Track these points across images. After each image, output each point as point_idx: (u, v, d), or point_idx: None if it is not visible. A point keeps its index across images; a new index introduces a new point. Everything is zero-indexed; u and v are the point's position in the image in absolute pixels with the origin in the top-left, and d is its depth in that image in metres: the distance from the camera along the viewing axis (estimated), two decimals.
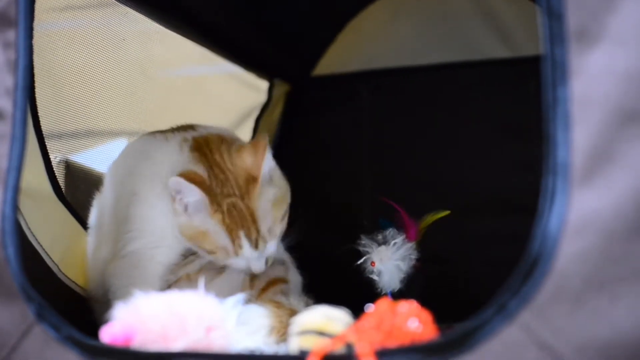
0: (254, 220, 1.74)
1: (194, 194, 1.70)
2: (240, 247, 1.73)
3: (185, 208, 1.73)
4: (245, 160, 1.77)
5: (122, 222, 1.82)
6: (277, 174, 1.84)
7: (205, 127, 1.93)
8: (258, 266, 1.78)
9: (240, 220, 1.72)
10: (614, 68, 1.09)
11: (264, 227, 1.75)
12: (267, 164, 1.76)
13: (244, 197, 1.73)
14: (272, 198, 1.78)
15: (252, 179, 1.74)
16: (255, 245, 1.74)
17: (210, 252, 1.76)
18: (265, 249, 1.77)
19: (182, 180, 1.69)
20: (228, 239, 1.73)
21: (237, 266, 1.78)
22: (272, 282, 1.88)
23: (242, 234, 1.72)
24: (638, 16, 1.08)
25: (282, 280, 1.90)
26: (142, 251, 1.79)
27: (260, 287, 1.86)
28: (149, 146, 1.87)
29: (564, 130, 1.09)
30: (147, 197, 1.81)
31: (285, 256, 1.98)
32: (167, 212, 1.78)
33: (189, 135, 1.86)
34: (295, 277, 1.97)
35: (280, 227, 1.80)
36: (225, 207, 1.72)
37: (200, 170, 1.75)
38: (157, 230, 1.80)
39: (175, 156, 1.81)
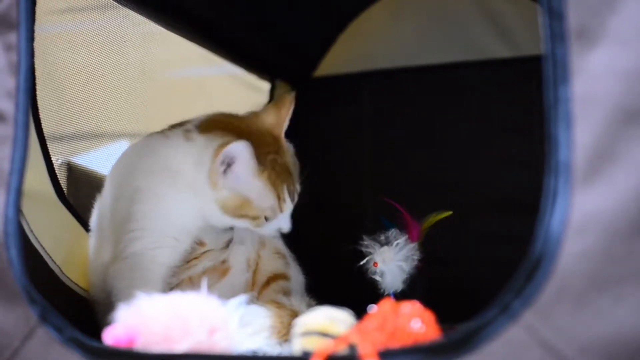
0: (290, 173, 1.83)
1: (246, 157, 1.73)
2: (284, 201, 1.81)
3: (229, 178, 1.76)
4: (266, 121, 1.85)
5: (123, 222, 1.81)
6: None
7: (196, 116, 1.94)
8: (288, 224, 1.86)
9: (282, 175, 1.81)
10: (615, 67, 1.09)
11: (296, 179, 1.85)
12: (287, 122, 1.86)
13: (278, 152, 1.82)
14: (292, 152, 1.88)
15: (275, 138, 1.83)
16: (292, 197, 1.83)
17: (255, 218, 1.80)
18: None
19: (243, 145, 1.70)
20: (273, 197, 1.79)
21: (270, 230, 1.86)
22: (273, 278, 1.89)
23: (285, 188, 1.80)
24: (639, 15, 1.08)
25: (283, 277, 1.91)
26: (143, 252, 1.79)
27: (261, 283, 1.86)
28: (152, 144, 1.88)
29: (565, 129, 1.09)
30: (153, 191, 1.80)
31: (285, 250, 1.99)
32: (173, 204, 1.79)
33: (189, 126, 1.87)
34: (297, 276, 1.98)
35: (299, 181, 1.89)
36: (269, 165, 1.78)
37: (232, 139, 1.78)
38: (160, 227, 1.79)
39: (182, 148, 1.82)
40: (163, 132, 1.88)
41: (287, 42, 2.82)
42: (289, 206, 1.84)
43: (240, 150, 1.71)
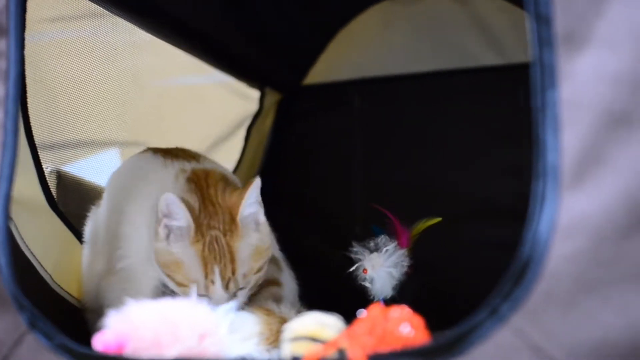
0: (232, 259, 1.68)
1: (181, 217, 1.66)
2: (212, 282, 1.66)
3: (168, 234, 1.68)
4: (232, 199, 1.74)
5: (113, 238, 1.82)
6: (265, 226, 1.79)
7: (211, 161, 1.92)
8: (220, 302, 1.65)
9: (218, 255, 1.67)
10: (602, 71, 1.09)
11: (240, 270, 1.69)
12: (250, 206, 1.72)
13: (227, 233, 1.69)
14: (254, 244, 1.73)
15: (234, 218, 1.71)
16: (227, 286, 1.67)
17: (180, 285, 1.68)
18: (234, 294, 1.69)
19: (175, 199, 1.64)
20: (202, 273, 1.66)
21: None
22: (265, 284, 1.87)
23: (216, 269, 1.66)
24: (626, 19, 1.09)
25: (275, 283, 1.90)
26: (134, 267, 1.79)
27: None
28: (147, 166, 1.87)
29: (553, 133, 1.10)
30: (134, 219, 1.80)
31: (279, 255, 1.98)
32: (149, 236, 1.75)
33: (189, 166, 1.84)
34: (289, 282, 1.97)
35: (255, 279, 1.73)
36: (207, 239, 1.67)
37: (193, 200, 1.71)
38: (146, 248, 1.77)
39: (169, 184, 1.79)
40: (165, 160, 1.87)
41: (277, 50, 2.83)
42: (218, 291, 1.67)
43: (170, 200, 1.65)
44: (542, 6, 1.11)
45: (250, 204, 1.72)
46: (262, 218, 1.78)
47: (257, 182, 1.72)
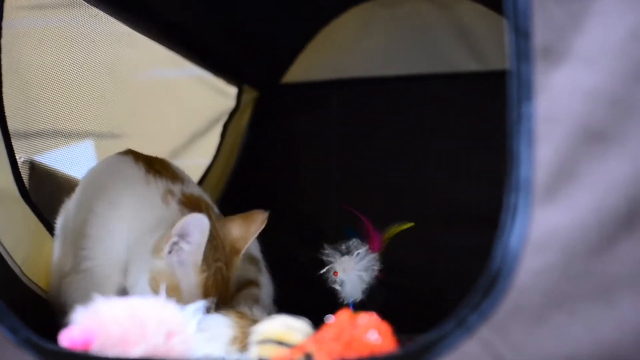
0: (226, 289, 1.70)
1: (196, 244, 1.62)
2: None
3: (176, 255, 1.63)
4: (232, 231, 1.74)
5: (79, 237, 1.78)
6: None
7: (193, 183, 1.90)
8: None
9: (219, 287, 1.68)
10: (579, 86, 1.09)
11: (227, 297, 1.72)
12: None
13: (228, 265, 1.70)
14: (239, 272, 1.77)
15: (235, 251, 1.72)
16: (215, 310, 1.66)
17: None
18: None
19: (205, 225, 1.60)
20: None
21: None
22: (245, 285, 1.88)
23: (215, 299, 1.66)
24: (604, 35, 1.09)
25: (254, 284, 1.90)
26: (98, 269, 1.75)
27: (232, 289, 1.83)
28: (129, 173, 1.82)
29: (527, 147, 1.10)
30: (106, 223, 1.76)
31: (259, 256, 1.98)
32: (122, 240, 1.73)
33: (176, 188, 1.81)
34: (267, 285, 1.96)
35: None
36: (212, 271, 1.66)
37: None
38: (112, 253, 1.74)
39: (157, 203, 1.76)
40: (147, 176, 1.81)
41: (256, 47, 2.82)
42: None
43: (201, 224, 1.60)
44: (522, 19, 1.11)
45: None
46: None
47: (265, 217, 1.74)
